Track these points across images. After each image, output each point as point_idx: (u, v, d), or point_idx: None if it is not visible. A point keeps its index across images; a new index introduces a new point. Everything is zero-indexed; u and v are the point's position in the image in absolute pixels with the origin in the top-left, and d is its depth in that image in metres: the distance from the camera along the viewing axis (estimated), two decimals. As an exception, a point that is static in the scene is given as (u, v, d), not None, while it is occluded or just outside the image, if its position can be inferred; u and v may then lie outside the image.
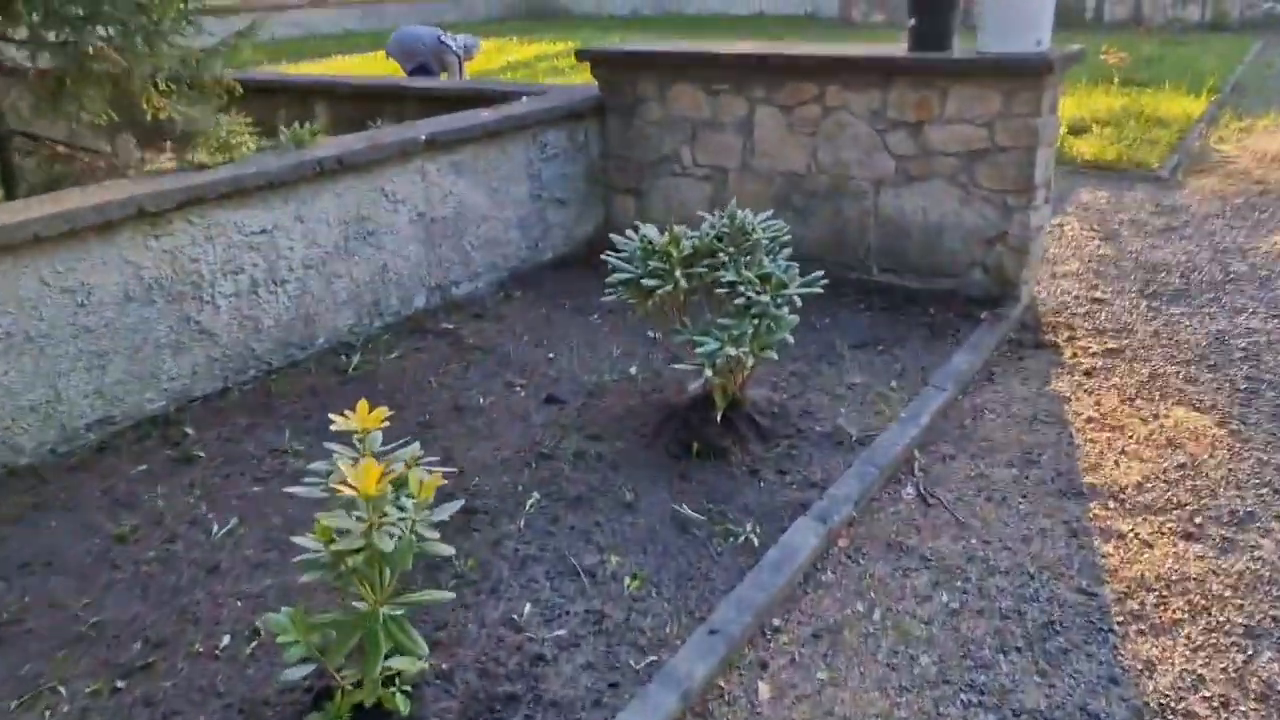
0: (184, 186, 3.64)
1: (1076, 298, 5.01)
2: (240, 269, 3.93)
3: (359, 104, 6.64)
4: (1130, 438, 3.62)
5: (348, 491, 1.98)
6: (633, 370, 4.13)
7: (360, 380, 4.10)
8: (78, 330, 3.46)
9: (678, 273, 3.28)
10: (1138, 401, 3.90)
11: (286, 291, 4.12)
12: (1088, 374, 4.15)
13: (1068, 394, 3.97)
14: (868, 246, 5.04)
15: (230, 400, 3.91)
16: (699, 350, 3.18)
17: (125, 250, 3.55)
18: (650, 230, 3.48)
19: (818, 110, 4.97)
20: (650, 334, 4.43)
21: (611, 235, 3.55)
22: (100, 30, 4.31)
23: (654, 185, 5.60)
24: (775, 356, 3.23)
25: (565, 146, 5.42)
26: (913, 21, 4.71)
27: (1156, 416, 3.77)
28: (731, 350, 3.14)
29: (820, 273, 3.40)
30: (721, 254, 3.36)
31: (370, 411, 2.21)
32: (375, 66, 11.70)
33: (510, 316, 4.76)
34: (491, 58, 17.49)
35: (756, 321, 3.20)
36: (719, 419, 3.38)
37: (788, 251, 3.52)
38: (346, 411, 2.22)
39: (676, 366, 3.37)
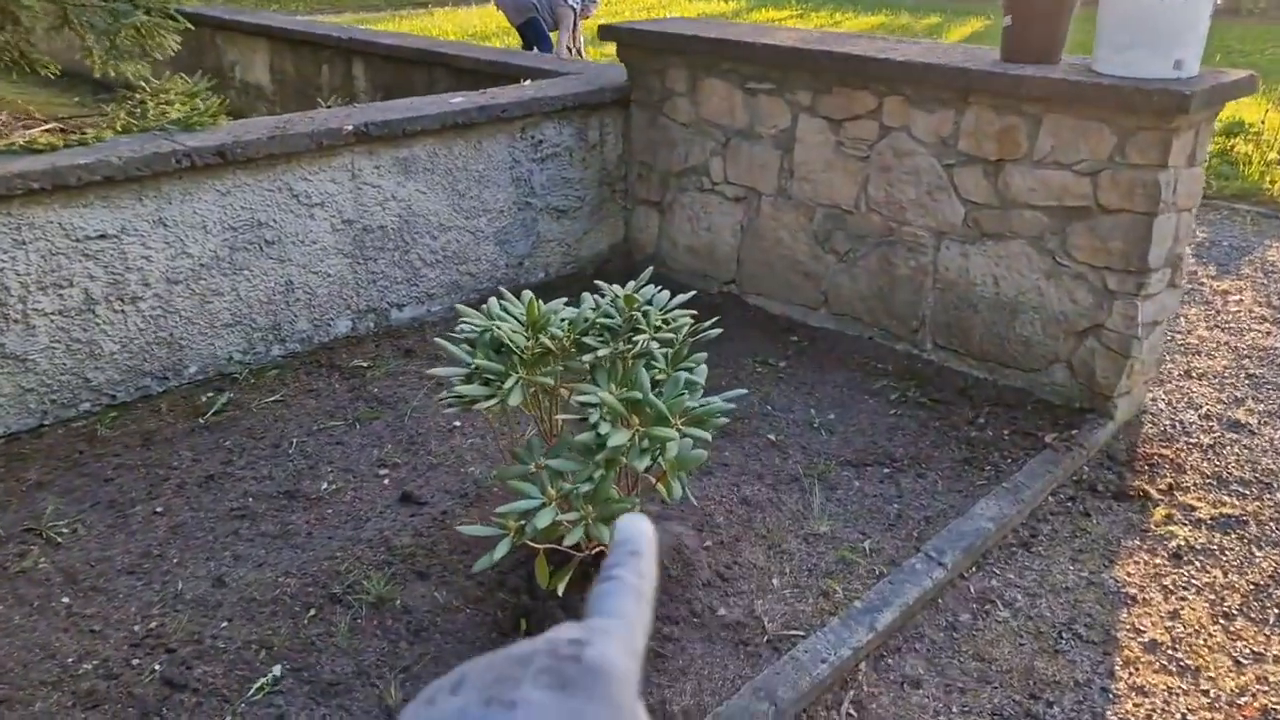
0: (-31, 180, 2.89)
1: (1205, 416, 3.62)
2: (68, 281, 3.16)
3: (395, 67, 5.86)
4: (1206, 696, 2.36)
5: None
6: (541, 463, 3.13)
7: (212, 430, 3.29)
8: None
9: (511, 380, 2.25)
10: (1240, 622, 2.60)
11: (139, 310, 3.34)
12: (1177, 556, 2.86)
13: (1134, 589, 2.71)
14: (922, 316, 3.81)
15: (42, 441, 3.19)
16: (499, 510, 2.16)
17: (-112, 255, 2.84)
18: (511, 304, 2.46)
19: (873, 128, 3.75)
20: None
21: (459, 308, 2.54)
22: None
23: (678, 200, 4.52)
24: (606, 537, 2.17)
25: (571, 144, 4.40)
26: (1007, 21, 3.42)
27: (1262, 657, 2.48)
28: (557, 515, 2.11)
29: (703, 449, 2.27)
30: (588, 354, 2.31)
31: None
32: (486, 21, 10.91)
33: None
34: (650, 13, 16.45)
35: (600, 473, 2.15)
36: (562, 587, 2.36)
37: (701, 358, 2.42)
38: None
39: (464, 529, 2.31)
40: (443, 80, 5.50)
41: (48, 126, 3.65)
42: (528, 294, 2.50)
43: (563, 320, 2.43)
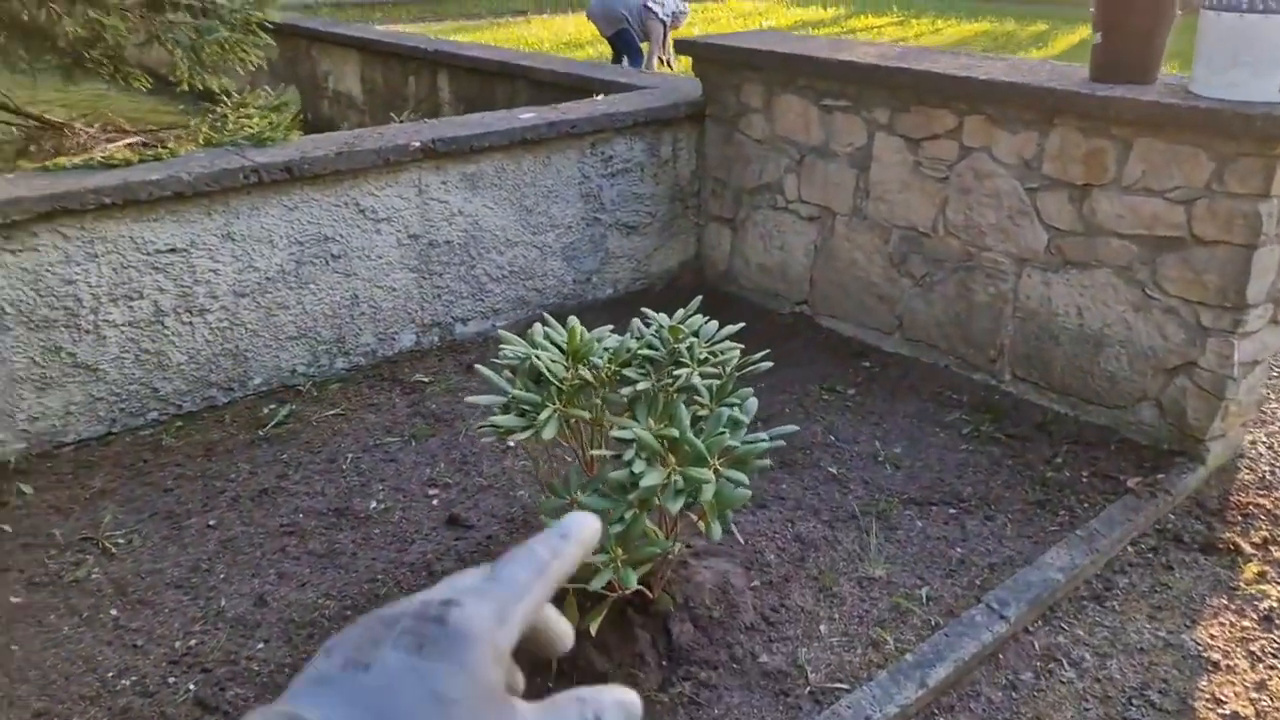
0: (45, 195, 2.96)
1: (1310, 463, 3.36)
2: (138, 293, 3.23)
3: (478, 79, 5.89)
4: (1288, 778, 2.17)
5: None
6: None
7: (271, 442, 3.32)
8: (-105, 358, 2.89)
9: (546, 412, 2.19)
10: (1334, 696, 2.38)
11: (207, 322, 3.39)
12: (1268, 619, 2.64)
13: (1217, 654, 2.51)
14: (1001, 345, 3.63)
15: (109, 449, 3.26)
16: (528, 548, 2.10)
17: (-34, 266, 2.93)
18: (554, 331, 2.40)
19: (953, 148, 3.59)
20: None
21: (500, 333, 2.49)
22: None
23: (751, 218, 4.42)
24: (633, 581, 2.08)
25: (642, 160, 4.34)
26: (1097, 38, 3.22)
27: (1356, 738, 2.27)
28: (594, 557, 2.04)
29: (745, 488, 2.17)
30: (626, 389, 2.23)
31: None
32: (581, 30, 10.92)
33: (509, 374, 3.80)
34: (745, 21, 16.33)
35: (632, 513, 2.06)
36: (594, 628, 2.28)
37: (747, 393, 2.32)
38: None
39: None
40: (523, 92, 5.50)
41: (129, 141, 3.75)
42: (572, 320, 2.43)
43: (605, 349, 2.36)
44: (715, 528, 2.18)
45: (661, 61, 9.47)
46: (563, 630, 0.49)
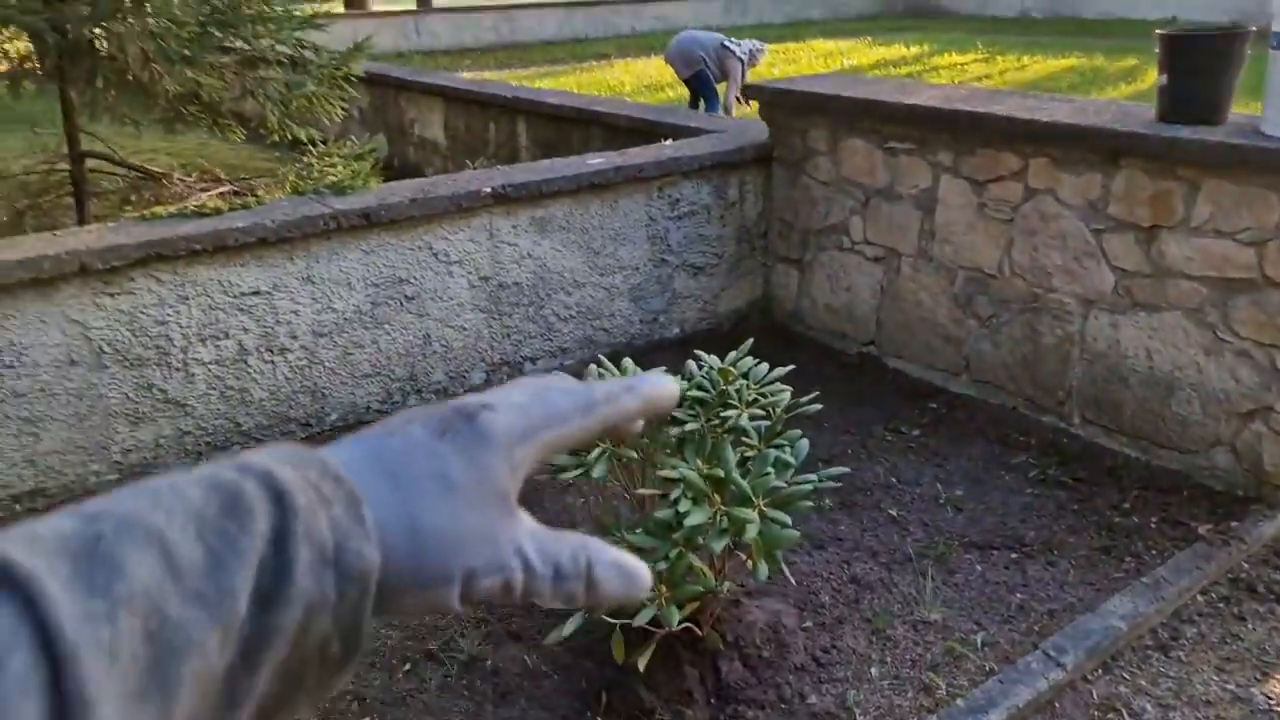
0: (141, 241, 3.16)
1: (1398, 512, 3.22)
2: (224, 333, 3.41)
3: (555, 125, 6.07)
4: (1359, 841, 2.08)
5: None
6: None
7: (345, 477, 3.45)
8: (4, 394, 3.10)
9: (596, 451, 2.26)
10: None
11: (287, 361, 3.56)
12: (1344, 674, 2.54)
13: (1288, 709, 2.43)
14: (1069, 387, 3.58)
15: (195, 481, 3.43)
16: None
17: (68, 309, 3.14)
18: (608, 372, 2.47)
19: (1018, 190, 3.58)
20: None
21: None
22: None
23: (818, 259, 4.45)
24: (674, 620, 2.12)
25: (709, 202, 4.42)
26: (1163, 80, 3.20)
27: None
28: (628, 590, 2.09)
29: (792, 530, 2.19)
30: (675, 429, 2.29)
31: None
32: (663, 72, 11.09)
33: (575, 412, 3.89)
34: (827, 61, 16.38)
35: (677, 552, 2.11)
36: (643, 664, 2.32)
37: (795, 435, 2.36)
38: None
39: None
40: (598, 137, 5.64)
41: (222, 189, 3.98)
42: (626, 361, 2.50)
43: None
44: (762, 567, 2.22)
45: (740, 101, 9.58)
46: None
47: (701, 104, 9.27)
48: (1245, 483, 3.17)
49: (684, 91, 10.19)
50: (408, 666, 2.55)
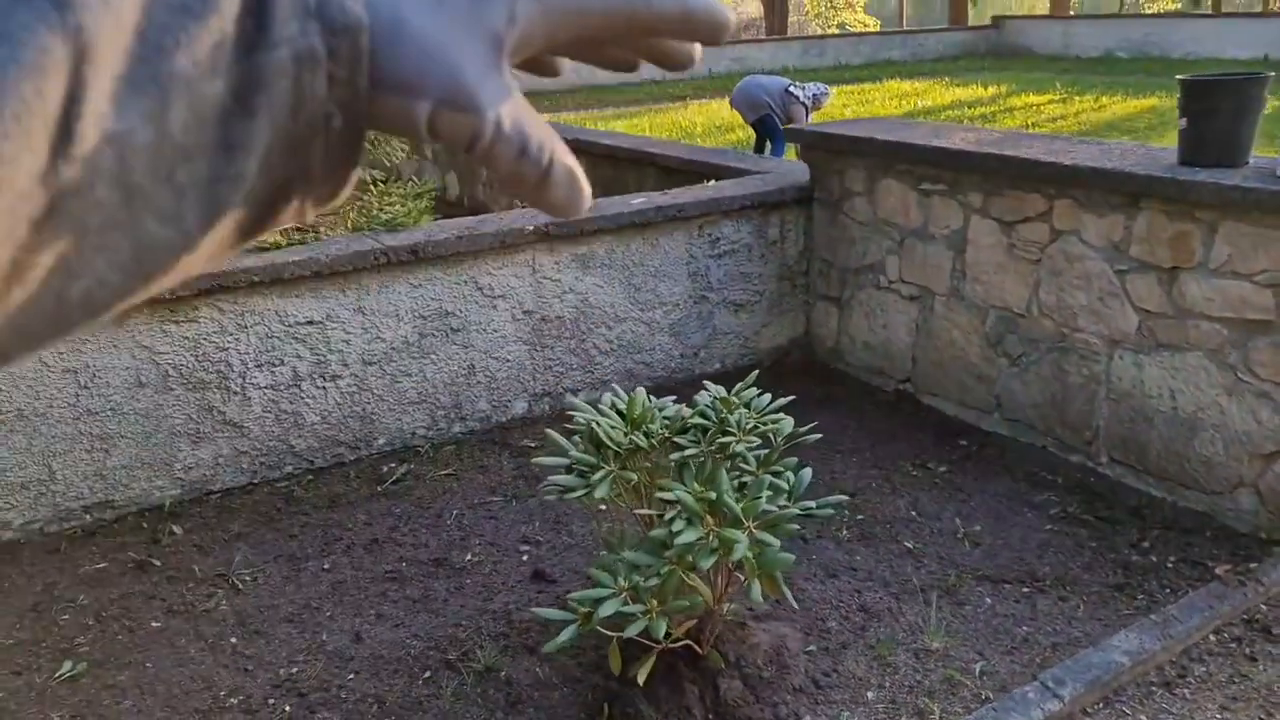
0: (206, 274, 3.43)
1: None
2: (280, 360, 3.65)
3: (612, 165, 6.28)
4: None
5: None
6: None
7: (388, 497, 3.65)
8: (78, 412, 3.37)
9: (600, 474, 2.40)
10: None
11: (338, 387, 3.78)
12: (1353, 718, 2.53)
13: (1289, 749, 2.43)
14: (1096, 427, 3.61)
15: (249, 497, 3.66)
16: (572, 596, 2.29)
17: (138, 334, 3.41)
18: (620, 400, 2.62)
19: (1044, 231, 3.64)
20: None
21: (570, 399, 2.73)
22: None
23: (856, 297, 4.54)
24: (661, 631, 2.23)
25: (749, 241, 4.55)
26: (1183, 123, 3.25)
27: None
28: (621, 606, 2.22)
29: (787, 553, 2.29)
30: (676, 454, 2.42)
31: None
32: (734, 114, 11.26)
33: (611, 442, 4.04)
34: (901, 102, 16.42)
35: (668, 569, 2.23)
36: (642, 677, 2.44)
37: (792, 462, 2.46)
38: None
39: (537, 611, 2.44)
40: (651, 177, 5.83)
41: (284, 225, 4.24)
42: (640, 391, 2.65)
43: (666, 418, 2.55)
44: (755, 588, 2.32)
45: None
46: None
47: (768, 148, 9.41)
48: (1269, 524, 3.16)
49: (751, 133, 10.35)
50: (427, 674, 2.71)
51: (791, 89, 9.41)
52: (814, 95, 9.51)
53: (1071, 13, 29.84)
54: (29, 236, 0.27)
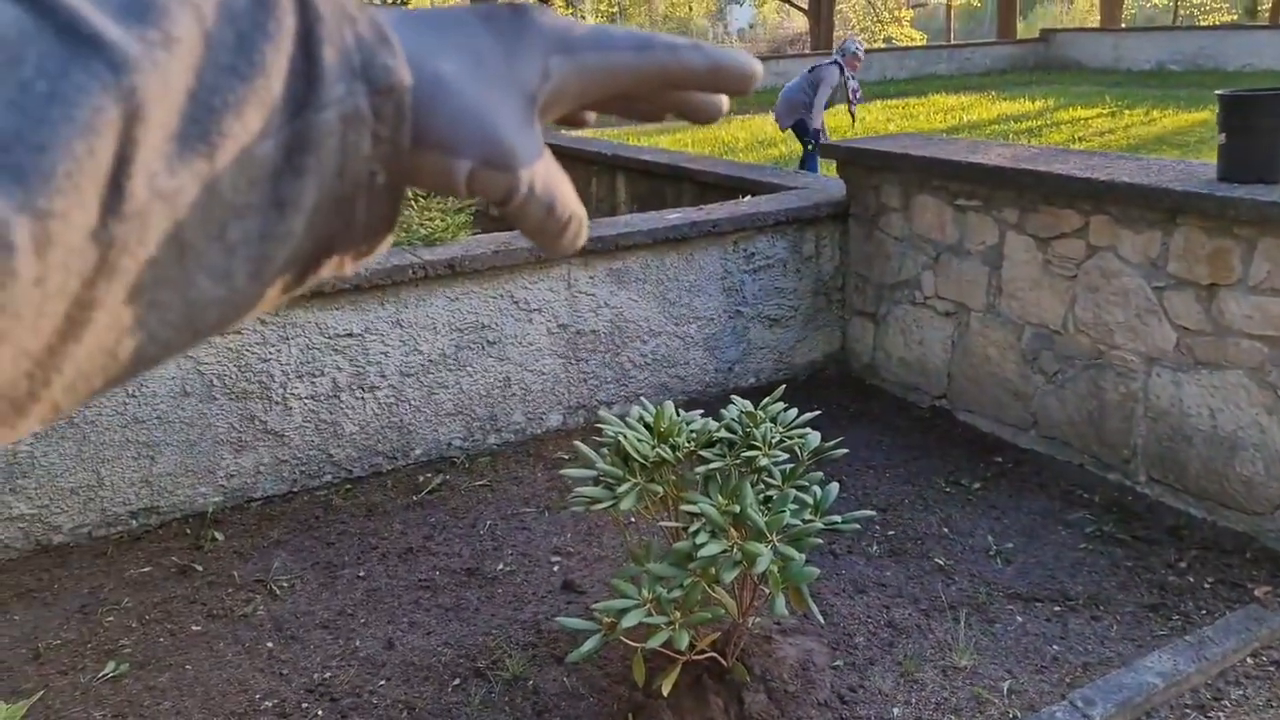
0: (248, 286, 3.51)
1: None
2: (320, 371, 3.73)
3: (649, 180, 6.34)
4: None
5: None
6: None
7: (424, 506, 3.71)
8: (126, 420, 3.47)
9: (625, 486, 2.43)
10: None
11: (376, 398, 3.85)
12: (1394, 745, 2.48)
13: (1325, 776, 2.38)
14: (1134, 445, 3.57)
15: (289, 505, 3.74)
16: (595, 606, 2.32)
17: (184, 345, 3.50)
18: (647, 413, 2.65)
19: (1080, 247, 3.62)
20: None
21: (600, 413, 2.76)
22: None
23: (891, 312, 4.53)
24: (684, 643, 2.24)
25: (784, 257, 4.57)
26: (1222, 138, 3.21)
27: None
28: (644, 617, 2.24)
29: (811, 566, 2.30)
30: (701, 467, 2.44)
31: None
32: (773, 129, 11.26)
33: (644, 455, 4.06)
34: (946, 116, 16.32)
35: (689, 583, 2.25)
36: (666, 688, 2.46)
37: (817, 477, 2.47)
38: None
39: (561, 621, 2.46)
40: (688, 192, 5.87)
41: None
42: (668, 405, 2.67)
43: (692, 431, 2.58)
44: (779, 602, 2.33)
45: (852, 111, 9.52)
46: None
47: (806, 153, 9.31)
48: (1310, 547, 3.10)
49: (795, 147, 10.31)
50: (457, 681, 2.75)
51: (815, 67, 9.32)
52: (841, 52, 9.36)
53: (1123, 25, 29.46)
54: (81, 292, 0.27)
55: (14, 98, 0.25)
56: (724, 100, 0.46)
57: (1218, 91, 3.24)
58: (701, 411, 2.69)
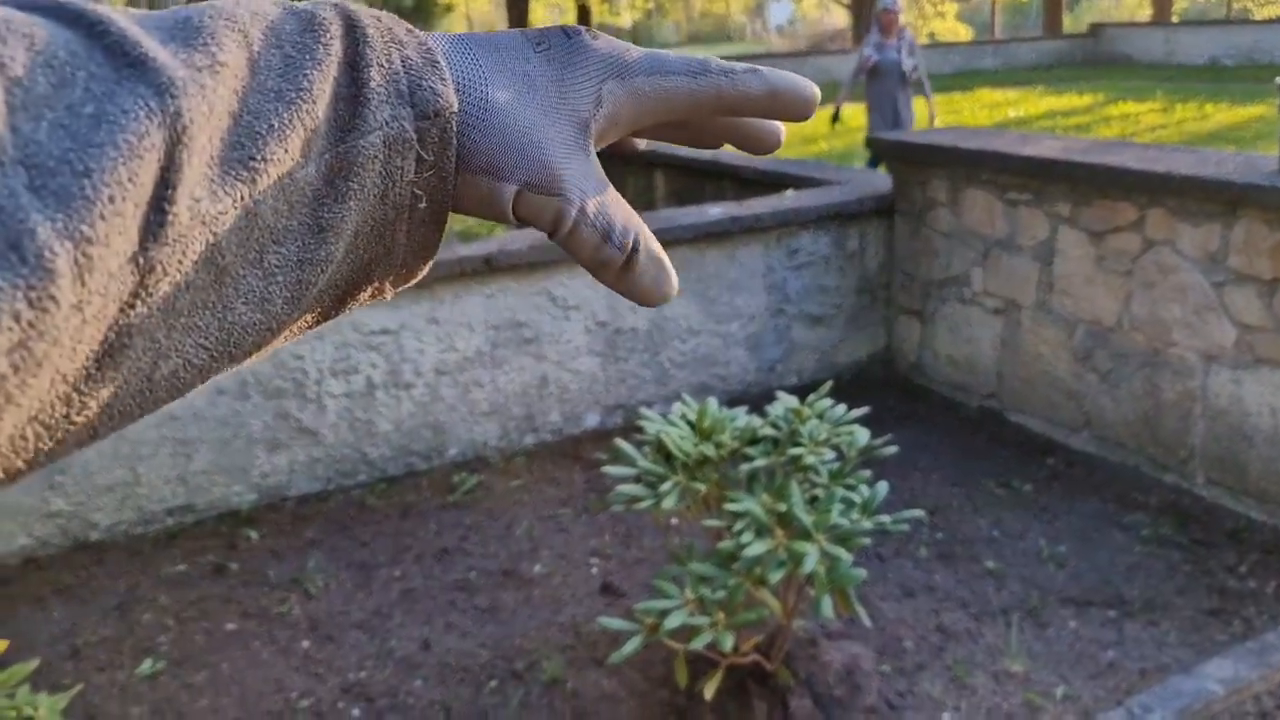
0: (285, 282, 3.49)
1: None
2: (355, 369, 3.70)
3: (688, 176, 6.26)
4: None
5: None
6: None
7: (457, 508, 3.67)
8: (161, 418, 3.47)
9: (667, 484, 2.36)
10: None
11: (411, 396, 3.82)
12: None
13: (1404, 794, 2.26)
14: (1192, 446, 3.44)
15: (324, 504, 3.71)
16: (637, 607, 2.25)
17: (221, 342, 3.49)
18: (690, 411, 2.58)
19: (1136, 241, 3.50)
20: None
21: (642, 411, 2.70)
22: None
23: (939, 310, 4.42)
24: (728, 645, 2.17)
25: (828, 253, 4.48)
26: (1286, 125, 3.09)
27: None
28: (687, 619, 2.17)
29: (858, 568, 2.22)
30: (745, 465, 2.37)
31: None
32: (817, 127, 11.16)
33: (683, 454, 3.99)
34: (992, 112, 16.08)
35: (733, 584, 2.18)
36: (709, 692, 2.38)
37: (864, 476, 2.39)
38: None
39: (603, 622, 2.39)
40: (730, 189, 5.78)
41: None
42: (711, 401, 2.60)
43: (736, 429, 2.51)
44: (825, 604, 2.25)
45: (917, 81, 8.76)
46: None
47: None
48: (1382, 552, 2.96)
49: (837, 144, 10.16)
50: (494, 683, 2.69)
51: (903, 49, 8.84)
52: (882, 6, 8.81)
53: (1174, 19, 28.92)
54: (119, 317, 0.27)
55: (62, 120, 0.25)
56: (781, 129, 0.45)
57: (1278, 79, 3.11)
58: (745, 409, 2.62)
